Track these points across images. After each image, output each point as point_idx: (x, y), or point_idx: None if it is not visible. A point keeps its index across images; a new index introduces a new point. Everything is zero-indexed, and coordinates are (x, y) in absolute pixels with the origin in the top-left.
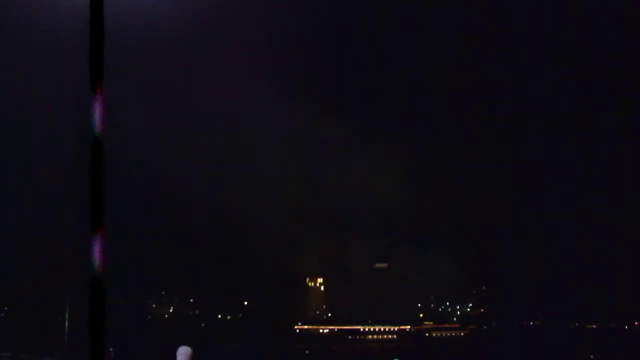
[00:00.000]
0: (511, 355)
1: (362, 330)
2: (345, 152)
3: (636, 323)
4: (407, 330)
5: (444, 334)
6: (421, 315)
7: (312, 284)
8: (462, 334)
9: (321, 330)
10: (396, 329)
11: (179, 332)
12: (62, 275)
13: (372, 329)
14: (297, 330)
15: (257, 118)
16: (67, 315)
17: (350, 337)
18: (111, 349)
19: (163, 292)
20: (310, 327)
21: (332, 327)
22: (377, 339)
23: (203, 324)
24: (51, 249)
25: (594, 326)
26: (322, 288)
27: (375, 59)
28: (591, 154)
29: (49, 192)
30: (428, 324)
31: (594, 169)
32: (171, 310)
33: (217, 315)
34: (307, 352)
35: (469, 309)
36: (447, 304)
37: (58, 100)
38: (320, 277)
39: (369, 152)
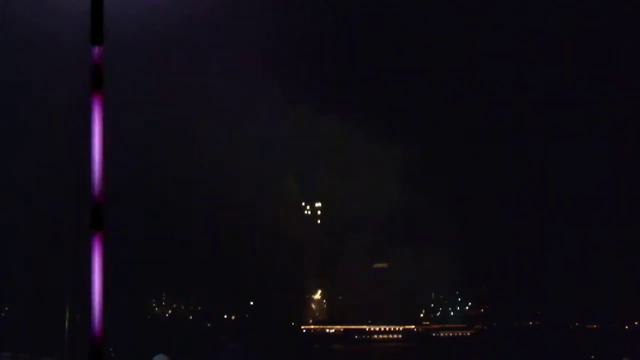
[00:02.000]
0: (512, 355)
1: (367, 330)
2: (345, 150)
3: (636, 323)
4: (415, 330)
5: (451, 334)
6: (421, 315)
7: (312, 284)
8: (468, 334)
9: (327, 330)
10: (401, 328)
11: (182, 333)
12: (62, 276)
13: (378, 329)
14: (304, 330)
15: (256, 116)
16: (67, 315)
17: (356, 336)
18: (111, 349)
19: (164, 293)
20: (317, 327)
21: (338, 327)
22: (384, 339)
23: (209, 324)
24: (51, 251)
25: (594, 326)
26: (322, 288)
27: (375, 58)
28: (591, 155)
29: (50, 194)
30: (425, 323)
31: (594, 169)
32: (170, 311)
33: (223, 316)
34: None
35: (467, 309)
36: (446, 303)
37: (58, 100)
38: (320, 277)
39: (368, 150)
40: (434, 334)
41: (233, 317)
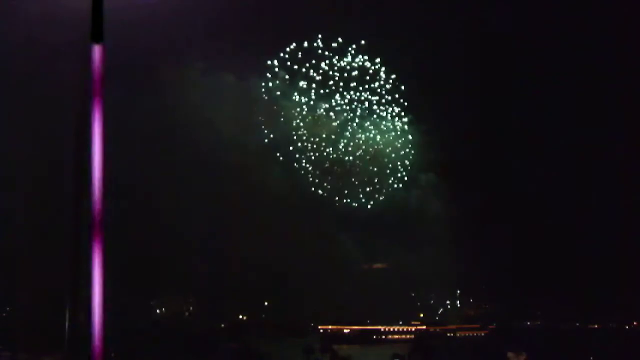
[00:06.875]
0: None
1: (383, 330)
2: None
3: (635, 323)
4: (431, 330)
5: (467, 334)
6: (421, 315)
7: (310, 284)
8: (482, 334)
9: (345, 331)
10: (413, 329)
11: (188, 334)
12: (62, 276)
13: (392, 329)
14: (321, 330)
15: (242, 114)
16: (67, 315)
17: (375, 337)
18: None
19: (170, 293)
20: (334, 327)
21: (355, 327)
22: (399, 339)
23: (222, 325)
24: (51, 250)
25: (595, 326)
26: (320, 288)
27: (370, 53)
28: (592, 155)
29: (50, 193)
30: (415, 322)
31: (593, 168)
32: (174, 310)
33: (238, 316)
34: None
35: (467, 309)
36: (447, 304)
37: (57, 99)
38: (319, 278)
39: (366, 147)
40: (449, 334)
41: (245, 317)
